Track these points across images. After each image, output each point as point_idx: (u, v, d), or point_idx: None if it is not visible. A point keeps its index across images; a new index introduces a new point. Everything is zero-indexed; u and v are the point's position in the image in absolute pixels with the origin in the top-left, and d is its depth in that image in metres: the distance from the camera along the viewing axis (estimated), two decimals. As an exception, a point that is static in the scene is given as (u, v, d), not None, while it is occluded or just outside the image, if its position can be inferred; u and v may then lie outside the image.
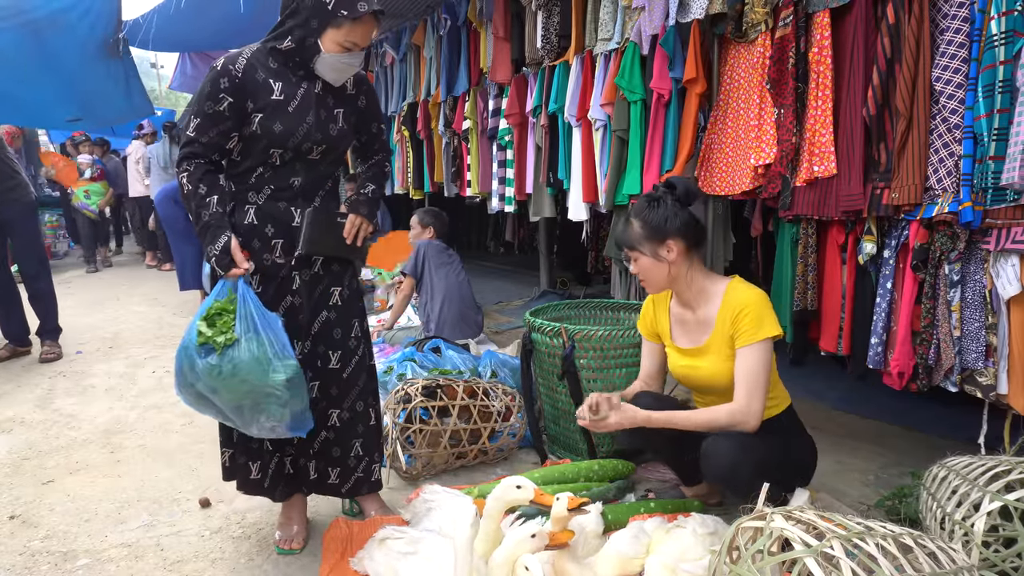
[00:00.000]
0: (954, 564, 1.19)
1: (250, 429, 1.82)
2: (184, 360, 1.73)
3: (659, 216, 1.93)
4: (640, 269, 2.00)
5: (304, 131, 1.86)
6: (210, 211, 1.80)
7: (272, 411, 1.76)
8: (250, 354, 1.70)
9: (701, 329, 2.01)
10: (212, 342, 1.70)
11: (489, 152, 4.63)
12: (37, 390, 3.64)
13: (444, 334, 3.67)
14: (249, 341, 1.71)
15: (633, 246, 1.98)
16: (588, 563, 1.72)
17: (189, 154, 1.82)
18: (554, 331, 2.47)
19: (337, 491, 2.08)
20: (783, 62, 2.54)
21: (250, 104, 1.82)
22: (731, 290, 1.95)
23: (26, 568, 1.97)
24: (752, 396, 1.85)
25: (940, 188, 2.12)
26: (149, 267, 8.54)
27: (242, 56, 1.83)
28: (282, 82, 1.85)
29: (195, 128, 1.81)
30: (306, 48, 1.82)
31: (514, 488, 1.71)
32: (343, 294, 2.01)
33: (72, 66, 6.81)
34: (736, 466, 1.78)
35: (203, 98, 1.80)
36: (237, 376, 1.70)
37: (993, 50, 1.94)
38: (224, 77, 1.79)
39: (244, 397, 1.74)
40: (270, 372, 1.72)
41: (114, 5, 6.03)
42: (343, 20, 1.76)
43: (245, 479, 2.00)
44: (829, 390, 3.26)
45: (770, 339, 1.88)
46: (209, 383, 1.71)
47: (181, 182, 1.82)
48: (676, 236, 1.93)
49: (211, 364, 1.69)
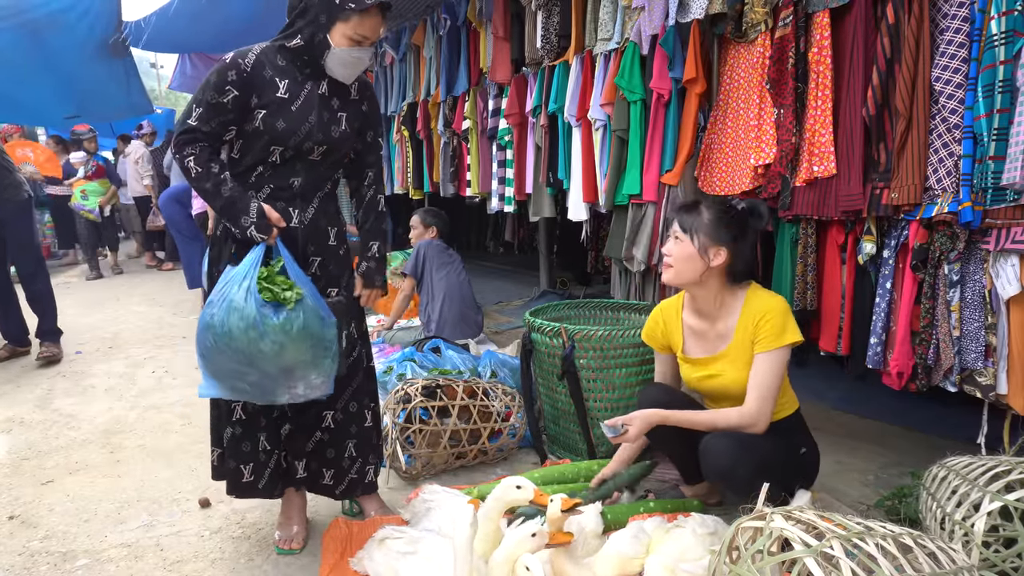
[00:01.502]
0: (954, 564, 1.19)
1: (283, 396, 1.79)
2: (235, 324, 1.66)
3: (731, 222, 1.92)
4: (677, 253, 1.94)
5: (306, 130, 1.86)
6: (228, 186, 1.80)
7: (325, 365, 1.81)
8: (312, 309, 1.74)
9: (719, 340, 1.99)
10: (281, 298, 1.70)
11: (489, 152, 4.62)
12: (37, 390, 3.64)
13: (444, 334, 3.67)
14: (307, 296, 1.74)
15: (688, 229, 1.93)
16: (588, 563, 1.72)
17: (192, 139, 1.80)
18: (554, 331, 2.47)
19: (331, 492, 2.08)
20: (783, 62, 2.53)
21: (255, 99, 1.82)
22: (751, 298, 1.94)
23: (25, 568, 1.97)
24: (764, 401, 1.85)
25: (940, 188, 2.12)
26: (149, 267, 8.54)
27: (252, 52, 1.83)
28: (288, 80, 1.85)
29: (197, 117, 1.80)
30: (316, 45, 1.82)
31: (514, 488, 1.71)
32: (341, 295, 2.01)
33: (71, 66, 6.81)
34: (735, 464, 1.77)
35: (208, 88, 1.80)
36: (306, 329, 1.72)
37: (993, 50, 1.94)
38: (232, 70, 1.80)
39: (306, 352, 1.74)
40: (325, 326, 1.77)
41: (113, 5, 6.04)
42: (351, 13, 1.78)
43: (237, 482, 1.99)
44: (829, 390, 3.25)
45: (789, 346, 1.87)
46: (278, 339, 1.69)
47: (188, 165, 1.79)
48: (731, 249, 1.91)
49: (286, 319, 1.69)
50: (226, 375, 1.76)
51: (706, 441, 1.85)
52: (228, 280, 1.73)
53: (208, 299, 1.76)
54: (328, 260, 1.98)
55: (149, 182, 8.29)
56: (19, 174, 4.10)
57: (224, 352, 1.71)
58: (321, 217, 1.96)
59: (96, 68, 7.10)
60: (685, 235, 1.94)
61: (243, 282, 1.70)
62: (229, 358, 1.72)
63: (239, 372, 1.74)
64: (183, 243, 5.52)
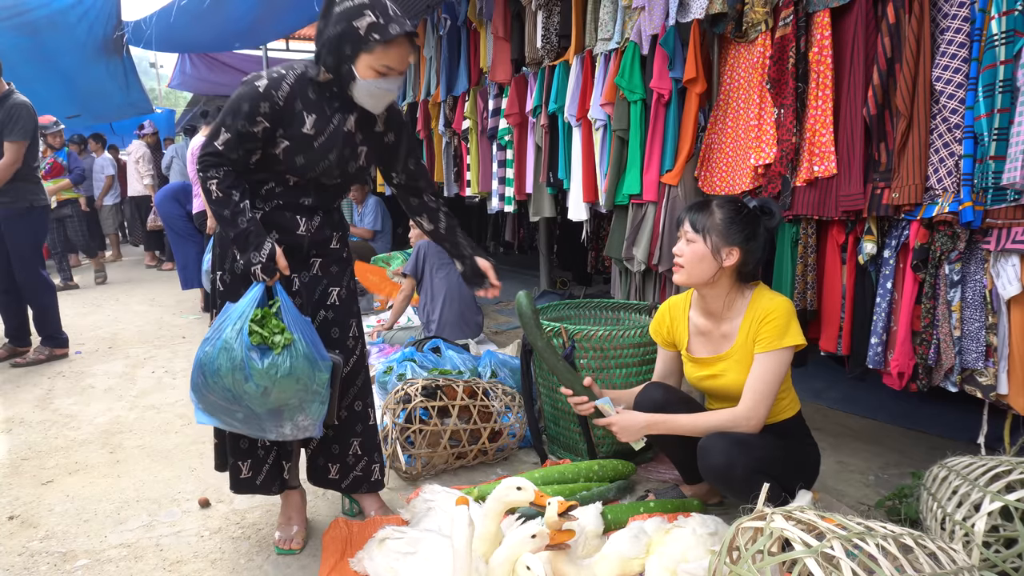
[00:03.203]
0: (954, 564, 1.19)
1: (271, 434, 1.81)
2: (223, 363, 1.69)
3: (744, 222, 1.90)
4: (689, 254, 1.93)
5: (324, 167, 1.87)
6: (246, 217, 1.78)
7: (313, 409, 1.81)
8: (303, 354, 1.74)
9: (723, 341, 1.98)
10: (269, 342, 1.71)
11: (489, 152, 4.62)
12: (36, 390, 3.64)
13: (444, 334, 3.67)
14: (298, 341, 1.75)
15: (700, 230, 1.91)
16: (588, 564, 1.71)
17: (217, 162, 1.79)
18: (554, 331, 2.46)
19: (337, 485, 2.10)
20: (783, 62, 2.53)
21: (280, 131, 1.82)
22: (756, 298, 1.93)
23: (25, 568, 1.97)
24: (759, 403, 1.84)
25: (940, 188, 2.12)
26: (149, 267, 8.54)
27: (285, 83, 1.80)
28: (316, 115, 1.84)
29: (224, 143, 1.78)
30: (342, 76, 1.81)
31: (514, 489, 1.71)
32: (341, 295, 2.02)
33: (71, 65, 6.82)
34: (732, 465, 1.77)
35: (239, 115, 1.77)
36: (293, 375, 1.72)
37: (993, 50, 1.94)
38: (266, 102, 1.77)
39: (292, 396, 1.75)
40: (316, 371, 1.77)
41: (113, 5, 6.05)
42: (375, 44, 1.74)
43: (236, 478, 2.01)
44: (829, 390, 3.26)
45: (791, 348, 1.86)
46: (262, 383, 1.70)
47: (210, 188, 1.78)
48: (744, 249, 1.89)
49: (271, 363, 1.70)
50: (216, 409, 1.78)
51: (703, 441, 1.85)
52: (226, 317, 1.75)
53: (206, 335, 1.77)
54: (330, 261, 2.00)
55: (149, 182, 8.29)
56: (25, 183, 3.94)
57: (213, 389, 1.73)
58: (326, 226, 1.98)
59: (96, 68, 7.10)
60: (697, 235, 1.91)
61: (237, 322, 1.72)
62: (218, 395, 1.74)
63: (227, 409, 1.77)
64: (178, 243, 5.51)
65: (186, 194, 5.49)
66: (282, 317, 1.76)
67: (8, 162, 3.81)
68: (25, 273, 4.05)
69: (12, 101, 3.79)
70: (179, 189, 5.62)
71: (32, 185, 4.00)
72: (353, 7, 1.74)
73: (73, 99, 7.85)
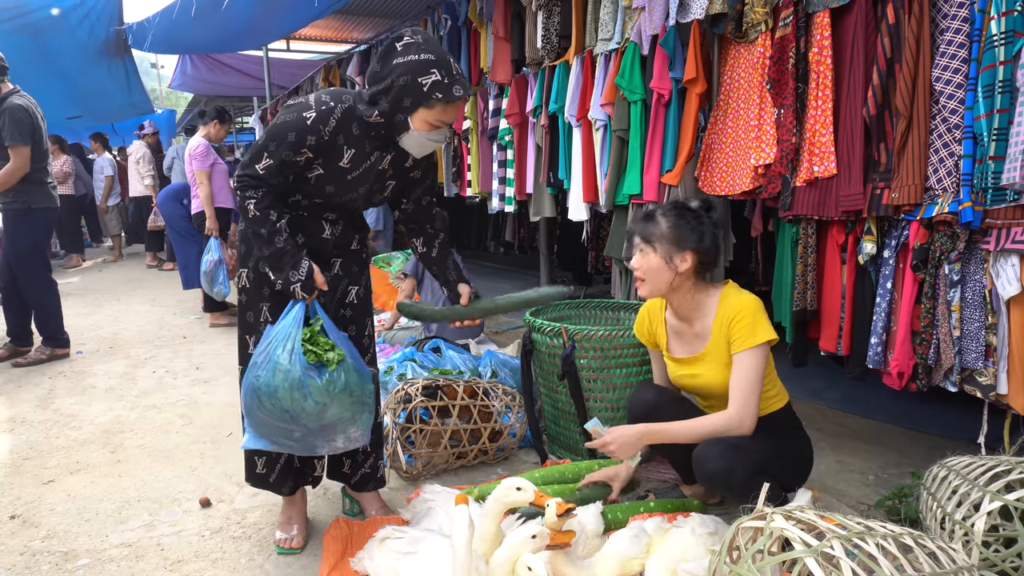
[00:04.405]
0: (954, 564, 1.19)
1: (323, 449, 1.84)
2: (280, 384, 1.70)
3: (689, 226, 1.91)
4: (645, 266, 1.95)
5: (351, 198, 1.93)
6: (283, 236, 1.80)
7: (363, 420, 1.86)
8: (353, 367, 1.79)
9: (698, 340, 2.00)
10: (324, 360, 1.76)
11: (489, 152, 4.62)
12: (38, 390, 3.64)
13: (444, 334, 3.67)
14: (347, 356, 1.80)
15: (650, 240, 1.93)
16: (588, 563, 1.72)
17: (257, 184, 1.80)
18: (554, 331, 2.47)
19: (348, 480, 2.14)
20: (783, 62, 2.54)
21: (320, 160, 1.84)
22: (724, 297, 1.94)
23: (27, 568, 1.97)
24: (746, 404, 1.85)
25: (940, 188, 2.12)
26: (149, 267, 8.53)
27: (333, 117, 1.80)
28: (355, 150, 1.85)
29: (266, 168, 1.78)
30: (395, 124, 1.82)
31: (514, 490, 1.71)
32: (359, 293, 2.07)
33: (73, 66, 6.83)
34: (730, 470, 1.77)
35: (283, 144, 1.77)
36: (347, 388, 1.78)
37: (993, 50, 1.94)
38: (312, 135, 1.78)
39: (347, 410, 1.80)
40: (364, 382, 1.83)
41: (114, 6, 6.06)
42: (436, 102, 1.76)
43: (252, 472, 2.04)
44: (829, 390, 3.25)
45: (764, 344, 1.87)
46: (321, 400, 1.73)
47: (247, 207, 1.79)
48: (696, 251, 1.91)
49: (329, 380, 1.74)
50: (271, 431, 1.80)
51: (699, 450, 1.85)
52: (271, 340, 1.76)
53: (251, 359, 1.79)
54: (350, 261, 2.05)
55: (150, 182, 8.29)
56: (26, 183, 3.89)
57: (270, 412, 1.75)
58: (350, 230, 2.03)
59: (97, 69, 7.11)
60: (648, 247, 1.94)
61: (286, 343, 1.74)
62: (274, 417, 1.76)
63: (284, 430, 1.79)
64: (180, 242, 5.51)
65: (187, 193, 5.49)
66: (327, 334, 1.81)
67: (11, 168, 3.79)
68: (25, 274, 4.04)
69: (7, 104, 3.74)
70: (180, 189, 5.62)
71: (33, 186, 3.96)
72: (419, 62, 1.74)
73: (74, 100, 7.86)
